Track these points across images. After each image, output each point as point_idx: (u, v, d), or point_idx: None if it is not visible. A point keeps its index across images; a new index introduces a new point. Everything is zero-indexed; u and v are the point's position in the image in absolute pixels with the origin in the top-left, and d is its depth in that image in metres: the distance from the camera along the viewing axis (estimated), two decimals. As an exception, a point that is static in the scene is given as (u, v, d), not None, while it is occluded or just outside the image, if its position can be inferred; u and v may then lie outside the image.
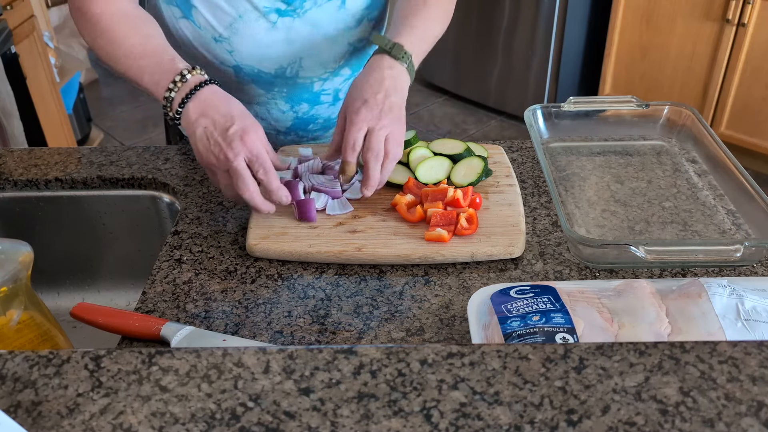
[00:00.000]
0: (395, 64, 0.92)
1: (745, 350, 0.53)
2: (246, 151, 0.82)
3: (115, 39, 0.92)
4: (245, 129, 0.83)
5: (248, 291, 0.82)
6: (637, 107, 1.10)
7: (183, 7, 1.01)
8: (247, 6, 0.99)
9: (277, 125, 1.13)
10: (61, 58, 3.08)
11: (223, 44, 1.03)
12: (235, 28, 1.01)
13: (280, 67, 1.05)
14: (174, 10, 1.02)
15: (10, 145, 2.12)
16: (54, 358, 0.55)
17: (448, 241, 0.85)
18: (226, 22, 1.00)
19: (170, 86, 0.86)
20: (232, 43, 1.02)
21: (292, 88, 1.08)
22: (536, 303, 0.67)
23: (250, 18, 1.00)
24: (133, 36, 0.91)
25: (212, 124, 0.84)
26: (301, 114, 1.12)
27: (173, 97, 0.86)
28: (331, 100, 1.13)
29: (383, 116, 0.88)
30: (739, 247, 0.78)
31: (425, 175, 0.95)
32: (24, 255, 0.79)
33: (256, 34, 1.01)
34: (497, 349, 0.55)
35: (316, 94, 1.10)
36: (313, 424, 0.49)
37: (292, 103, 1.11)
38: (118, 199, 1.04)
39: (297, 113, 1.12)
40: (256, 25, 1.01)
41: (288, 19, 1.01)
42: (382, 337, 0.75)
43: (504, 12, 3.09)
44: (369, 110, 0.87)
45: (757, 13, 2.51)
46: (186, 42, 1.04)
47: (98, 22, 0.93)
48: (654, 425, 0.48)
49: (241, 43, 1.02)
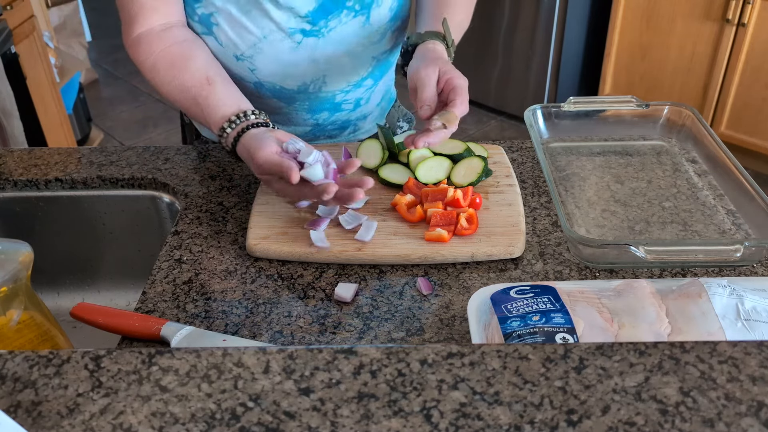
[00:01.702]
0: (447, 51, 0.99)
1: (745, 350, 0.53)
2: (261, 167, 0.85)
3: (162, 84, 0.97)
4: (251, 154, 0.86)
5: (248, 291, 0.82)
6: (637, 107, 1.10)
7: (205, 23, 1.00)
8: (272, 27, 0.99)
9: (296, 130, 1.14)
10: (61, 58, 3.08)
11: (245, 62, 1.02)
12: (258, 47, 1.01)
13: (303, 84, 1.06)
14: (196, 26, 1.01)
15: (10, 145, 2.12)
16: (54, 358, 0.55)
17: (448, 241, 0.85)
18: (249, 41, 1.00)
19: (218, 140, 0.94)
20: (255, 61, 1.02)
21: (314, 102, 1.09)
22: (536, 303, 0.67)
23: (274, 38, 1.00)
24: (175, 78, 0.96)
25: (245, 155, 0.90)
26: (321, 121, 1.13)
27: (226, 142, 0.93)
28: (351, 108, 1.14)
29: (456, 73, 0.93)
30: (739, 247, 0.78)
31: (425, 175, 0.95)
32: (24, 255, 0.79)
33: (279, 53, 1.01)
34: (497, 349, 0.55)
35: (337, 104, 1.11)
36: (313, 424, 0.49)
37: (313, 113, 1.11)
38: (118, 199, 1.04)
39: (317, 120, 1.13)
40: (280, 45, 1.01)
41: (313, 39, 1.01)
42: (382, 337, 0.75)
43: (504, 12, 3.09)
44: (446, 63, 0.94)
45: (757, 13, 2.51)
46: None
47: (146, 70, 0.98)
48: (654, 425, 0.48)
49: (264, 62, 1.02)
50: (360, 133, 1.20)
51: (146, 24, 0.96)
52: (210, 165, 1.07)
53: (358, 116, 1.17)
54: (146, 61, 0.97)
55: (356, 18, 1.01)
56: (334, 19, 1.00)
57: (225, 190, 1.00)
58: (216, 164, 1.07)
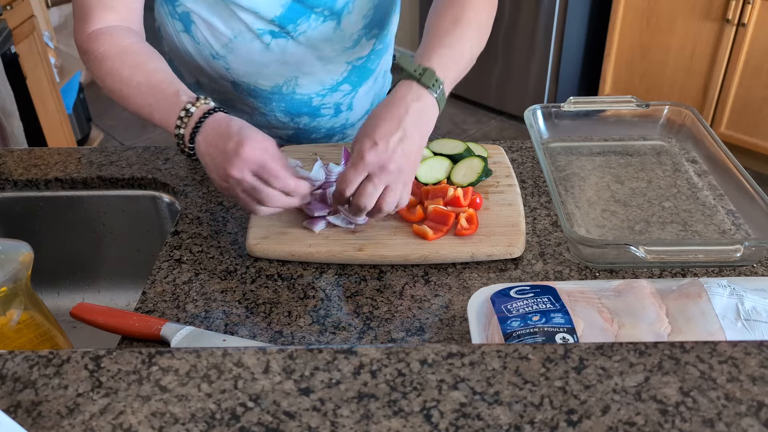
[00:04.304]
0: (423, 94, 0.81)
1: (745, 350, 0.53)
2: (248, 163, 0.77)
3: (121, 78, 0.88)
4: (240, 142, 0.77)
5: (248, 291, 0.82)
6: (637, 107, 1.10)
7: (184, 21, 1.01)
8: (241, 27, 0.99)
9: (279, 133, 1.13)
10: (61, 58, 3.08)
11: (220, 61, 1.03)
12: (230, 47, 1.01)
13: (276, 84, 1.05)
14: (176, 24, 1.03)
15: (10, 145, 2.12)
16: (54, 358, 0.55)
17: (431, 240, 0.85)
18: (222, 41, 1.01)
19: (178, 123, 0.83)
20: (228, 61, 1.02)
21: (290, 103, 1.08)
22: (536, 303, 0.67)
23: (245, 39, 1.00)
24: (138, 74, 0.87)
25: (215, 149, 0.80)
26: (302, 126, 1.12)
27: (182, 134, 0.83)
28: (332, 113, 1.12)
29: (389, 164, 0.78)
30: (739, 247, 0.78)
31: (425, 175, 0.95)
32: (24, 255, 0.79)
33: (250, 53, 1.01)
34: (497, 349, 0.55)
35: (315, 107, 1.10)
36: (313, 424, 0.49)
37: (292, 116, 1.10)
38: (118, 199, 1.04)
39: (298, 125, 1.12)
40: (250, 46, 1.00)
41: (282, 41, 1.01)
42: (382, 337, 0.75)
43: (504, 12, 3.09)
44: (376, 155, 0.78)
45: (757, 13, 2.50)
46: (188, 55, 1.05)
47: (103, 62, 0.89)
48: (654, 425, 0.48)
49: (237, 62, 1.02)
50: (350, 140, 1.15)
51: (102, 21, 0.91)
52: (210, 165, 1.06)
53: (344, 123, 1.15)
54: (107, 51, 0.89)
55: (326, 23, 1.00)
56: (304, 23, 0.99)
57: (225, 190, 1.00)
58: (216, 164, 1.07)
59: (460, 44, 0.88)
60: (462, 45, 0.89)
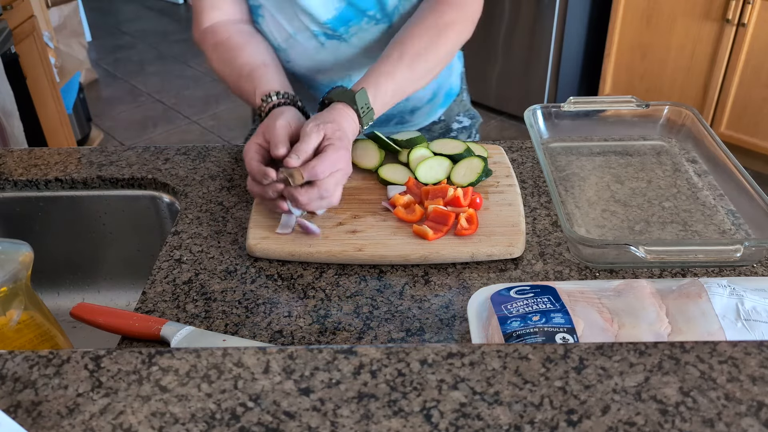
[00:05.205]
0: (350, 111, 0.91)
1: (745, 350, 0.53)
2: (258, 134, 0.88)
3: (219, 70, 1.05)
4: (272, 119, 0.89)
5: (248, 291, 0.82)
6: (637, 107, 1.10)
7: (254, 13, 1.09)
8: (300, 26, 1.05)
9: None
10: (61, 58, 3.08)
11: (282, 54, 1.10)
12: (290, 42, 1.08)
13: (332, 80, 1.11)
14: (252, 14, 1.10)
15: (10, 145, 2.11)
16: (54, 358, 0.55)
17: (431, 240, 0.85)
18: (283, 36, 1.07)
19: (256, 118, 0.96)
20: (289, 54, 1.09)
21: None
22: (536, 303, 0.67)
23: (303, 36, 1.06)
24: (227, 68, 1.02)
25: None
26: None
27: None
28: None
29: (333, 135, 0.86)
30: (739, 247, 0.78)
31: (425, 175, 0.95)
32: (24, 255, 0.79)
33: (308, 51, 1.08)
34: (497, 349, 0.55)
35: None
36: (313, 424, 0.49)
37: None
38: (118, 199, 1.04)
39: None
40: (308, 44, 1.07)
41: (335, 42, 1.06)
42: (382, 337, 0.75)
43: (504, 12, 3.09)
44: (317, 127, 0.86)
45: (757, 13, 2.50)
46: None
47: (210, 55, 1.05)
48: (654, 425, 0.48)
49: (296, 57, 1.09)
50: (408, 125, 1.23)
51: (210, 20, 1.06)
52: (210, 165, 1.07)
53: (401, 110, 1.19)
54: (210, 47, 1.05)
55: (378, 25, 1.05)
56: (355, 26, 1.04)
57: (225, 190, 1.00)
58: (216, 164, 1.07)
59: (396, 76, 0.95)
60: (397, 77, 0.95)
